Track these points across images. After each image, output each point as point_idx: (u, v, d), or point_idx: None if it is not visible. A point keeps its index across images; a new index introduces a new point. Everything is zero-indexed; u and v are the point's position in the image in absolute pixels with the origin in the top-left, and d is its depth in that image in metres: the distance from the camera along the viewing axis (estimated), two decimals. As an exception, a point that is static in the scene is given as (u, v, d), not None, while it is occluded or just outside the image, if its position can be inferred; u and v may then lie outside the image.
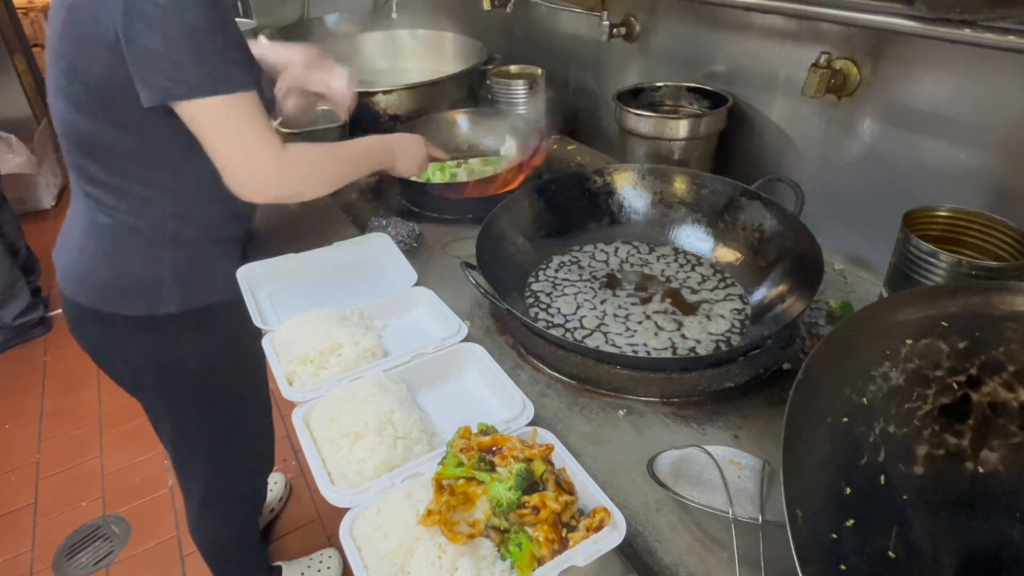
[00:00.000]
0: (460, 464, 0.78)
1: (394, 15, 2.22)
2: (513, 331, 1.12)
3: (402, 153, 1.25)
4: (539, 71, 1.84)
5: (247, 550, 1.65)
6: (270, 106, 1.11)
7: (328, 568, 1.86)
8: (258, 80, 1.02)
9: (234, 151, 0.95)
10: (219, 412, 1.34)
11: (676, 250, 1.34)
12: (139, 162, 1.04)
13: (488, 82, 1.84)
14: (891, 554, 0.66)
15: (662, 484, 0.79)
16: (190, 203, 1.12)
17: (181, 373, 1.24)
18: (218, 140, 0.94)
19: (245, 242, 1.30)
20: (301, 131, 1.66)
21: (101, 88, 0.95)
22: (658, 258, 1.32)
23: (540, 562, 0.72)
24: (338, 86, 1.33)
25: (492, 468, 0.78)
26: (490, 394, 1.00)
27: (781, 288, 1.14)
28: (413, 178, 1.44)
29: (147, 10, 0.85)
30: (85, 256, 1.12)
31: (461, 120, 1.80)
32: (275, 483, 2.12)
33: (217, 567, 1.62)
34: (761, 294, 1.18)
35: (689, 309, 1.17)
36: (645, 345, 1.09)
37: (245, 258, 1.26)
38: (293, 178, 1.01)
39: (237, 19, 2.46)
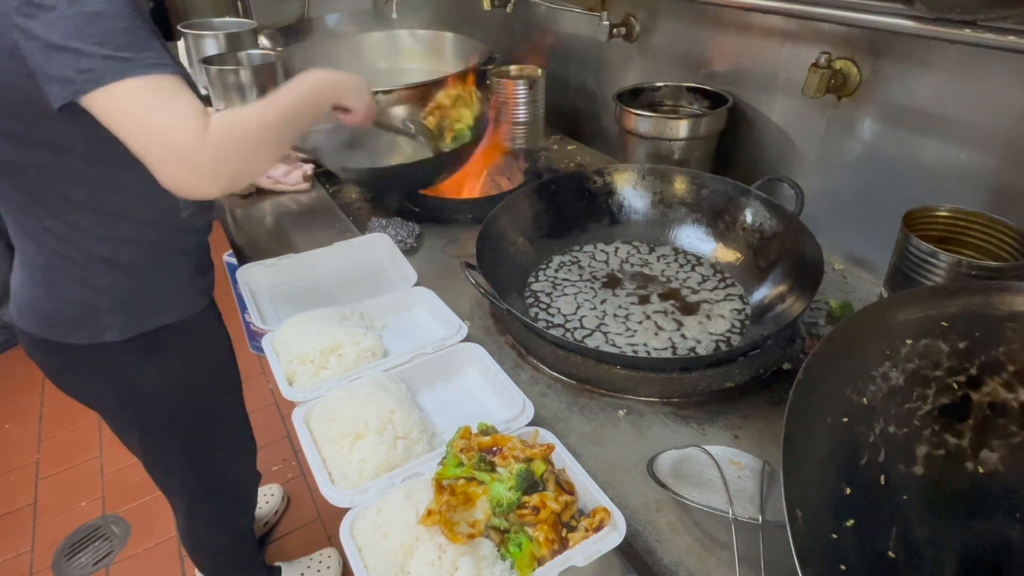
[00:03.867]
0: (460, 464, 0.78)
1: (394, 15, 2.22)
2: (513, 331, 1.12)
3: (341, 87, 1.07)
4: (539, 71, 1.84)
5: (242, 557, 1.63)
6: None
7: (328, 568, 1.86)
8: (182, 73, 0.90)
9: (151, 137, 0.80)
10: (191, 434, 1.26)
11: (676, 250, 1.34)
12: (53, 181, 0.92)
13: (488, 82, 1.84)
14: (891, 554, 0.66)
15: (662, 484, 0.79)
16: (116, 222, 0.99)
17: (141, 399, 1.16)
18: (132, 128, 0.80)
19: (201, 256, 1.18)
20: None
21: (2, 99, 0.84)
22: (658, 258, 1.32)
23: (540, 562, 0.72)
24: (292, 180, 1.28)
25: (492, 468, 0.78)
26: (490, 394, 1.00)
27: (781, 288, 1.14)
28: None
29: (44, 2, 0.76)
30: (24, 285, 1.04)
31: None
32: (272, 495, 2.10)
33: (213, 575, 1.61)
34: (761, 294, 1.18)
35: (689, 309, 1.17)
36: (645, 345, 1.09)
37: (203, 273, 1.17)
38: (228, 153, 0.83)
39: (237, 19, 2.47)
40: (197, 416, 1.25)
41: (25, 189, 0.94)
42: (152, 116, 0.80)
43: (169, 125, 0.79)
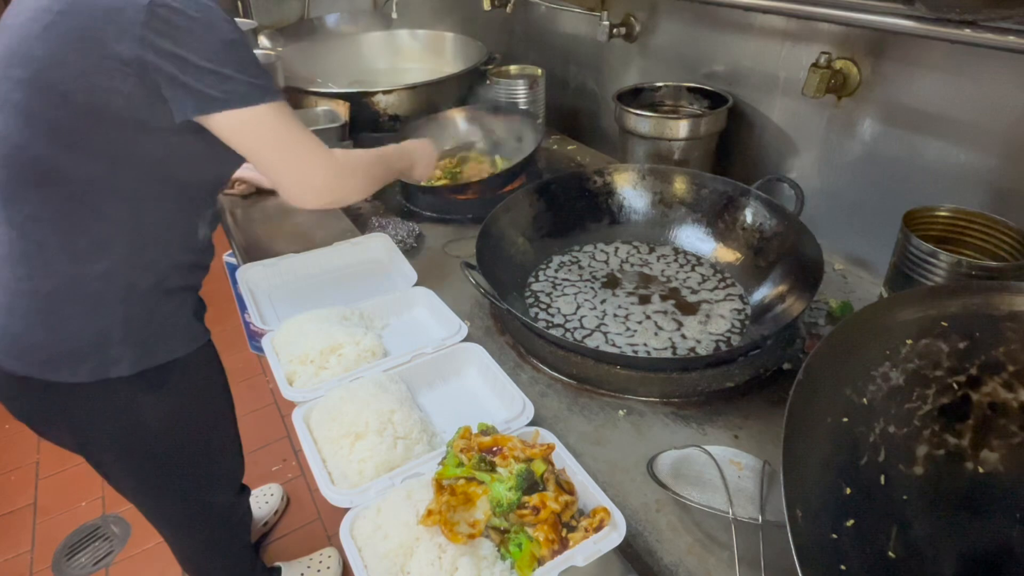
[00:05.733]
0: (460, 464, 0.78)
1: (394, 15, 2.22)
2: (513, 331, 1.12)
3: (419, 157, 1.28)
4: (539, 71, 1.84)
5: (242, 568, 1.61)
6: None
7: (328, 568, 1.86)
8: None
9: (294, 159, 0.94)
10: (186, 468, 1.22)
11: (676, 250, 1.34)
12: (99, 193, 0.90)
13: (488, 82, 1.84)
14: (891, 554, 0.66)
15: (662, 484, 0.79)
16: (150, 245, 0.97)
17: (139, 438, 1.10)
18: (276, 150, 0.93)
19: (198, 292, 1.15)
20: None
21: (85, 104, 0.83)
22: (658, 258, 1.32)
23: (540, 562, 0.72)
24: None
25: (492, 468, 0.78)
26: (490, 394, 1.00)
27: (781, 288, 1.14)
28: (423, 183, 1.44)
29: (179, 22, 0.81)
30: (15, 316, 0.94)
31: (459, 119, 1.79)
32: (271, 495, 2.08)
33: None
34: (761, 294, 1.18)
35: (689, 309, 1.17)
36: (645, 345, 1.09)
37: (203, 308, 1.15)
38: (346, 183, 1.01)
39: (237, 19, 2.47)
40: (193, 450, 1.20)
41: (62, 201, 0.90)
42: (299, 141, 0.94)
43: (313, 153, 0.95)
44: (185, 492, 1.26)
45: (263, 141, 0.92)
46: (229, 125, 0.88)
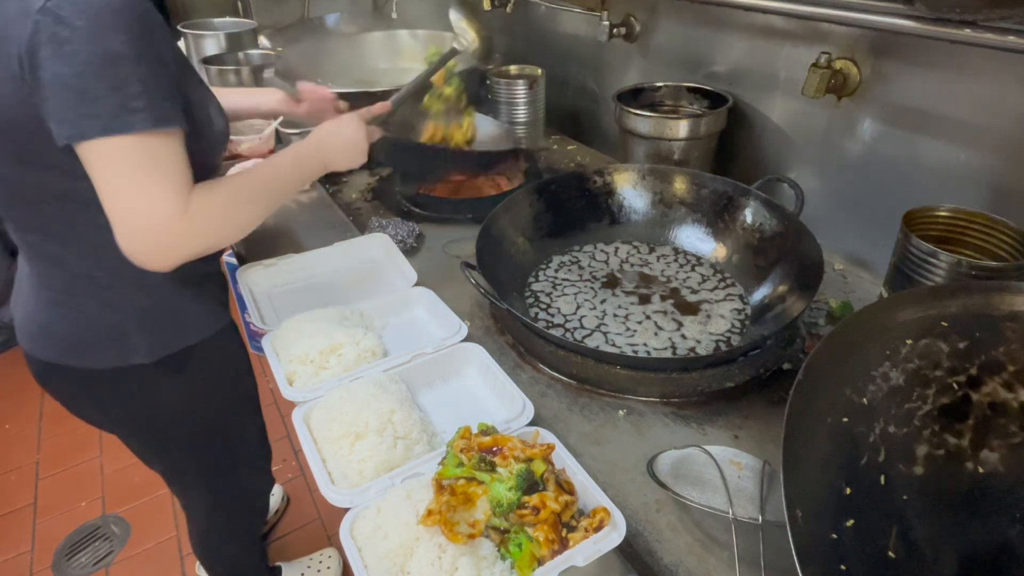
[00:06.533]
0: (460, 464, 0.78)
1: (394, 15, 2.22)
2: (513, 331, 1.12)
3: (333, 148, 1.07)
4: (539, 71, 1.84)
5: (250, 561, 1.64)
6: (220, 139, 0.99)
7: (328, 568, 1.86)
8: (200, 119, 0.90)
9: (125, 206, 0.78)
10: (212, 450, 1.24)
11: (676, 250, 1.34)
12: (78, 204, 0.87)
13: (488, 82, 1.84)
14: (891, 554, 0.66)
15: (662, 484, 0.79)
16: None
17: (165, 420, 1.13)
18: (110, 191, 0.78)
19: (218, 270, 1.15)
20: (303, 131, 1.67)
21: (10, 125, 0.80)
22: (658, 258, 1.32)
23: (540, 562, 0.72)
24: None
25: (492, 468, 0.78)
26: (490, 394, 1.00)
27: (781, 288, 1.14)
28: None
29: (60, 33, 0.72)
30: (40, 308, 0.98)
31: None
32: (272, 495, 2.08)
33: None
34: (761, 294, 1.18)
35: (689, 309, 1.17)
36: (645, 345, 1.09)
37: (223, 287, 1.15)
38: (198, 237, 0.84)
39: (237, 19, 2.47)
40: (218, 432, 1.23)
41: (48, 213, 0.89)
42: (133, 185, 0.78)
43: (146, 201, 0.78)
44: (211, 473, 1.29)
45: (103, 179, 0.78)
46: (86, 156, 0.77)
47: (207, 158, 0.96)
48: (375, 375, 0.97)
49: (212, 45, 2.11)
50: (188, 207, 0.81)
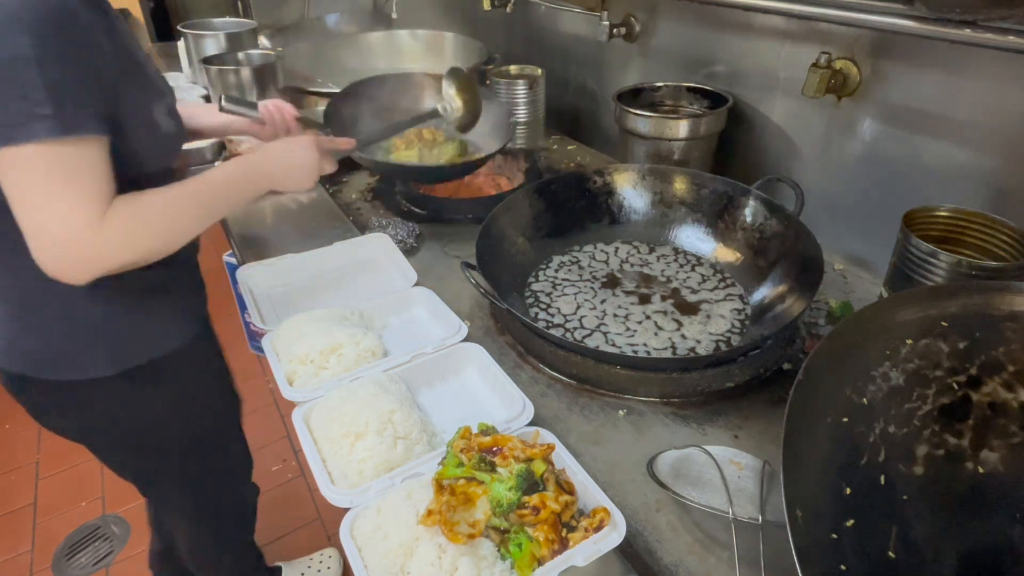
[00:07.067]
0: (460, 464, 0.78)
1: (394, 15, 2.22)
2: (513, 331, 1.12)
3: (280, 167, 1.02)
4: (539, 71, 1.84)
5: (247, 563, 1.61)
6: (168, 143, 0.95)
7: (328, 568, 1.86)
8: (140, 121, 0.86)
9: (38, 218, 0.75)
10: (189, 462, 1.20)
11: (676, 250, 1.34)
12: (5, 216, 0.82)
13: (488, 82, 1.84)
14: (891, 554, 0.66)
15: (662, 484, 0.79)
16: None
17: (137, 433, 1.09)
18: (21, 202, 0.75)
19: (192, 275, 1.11)
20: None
21: None
22: (658, 258, 1.32)
23: (540, 562, 0.72)
24: None
25: (492, 468, 0.78)
26: (490, 394, 1.00)
27: (781, 288, 1.14)
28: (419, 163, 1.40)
29: None
30: (3, 321, 0.96)
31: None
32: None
33: None
34: (761, 294, 1.18)
35: (689, 309, 1.17)
36: (645, 345, 1.09)
37: (196, 294, 1.11)
38: (116, 249, 0.80)
39: (237, 19, 2.47)
40: (195, 444, 1.19)
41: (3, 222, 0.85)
42: (42, 196, 0.74)
43: (56, 212, 0.75)
44: (190, 486, 1.26)
45: (12, 190, 0.75)
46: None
47: (153, 162, 0.92)
48: (375, 375, 0.97)
49: (212, 45, 2.11)
50: (105, 218, 0.78)
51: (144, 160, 0.90)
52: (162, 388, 1.07)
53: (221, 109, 1.20)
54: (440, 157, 1.56)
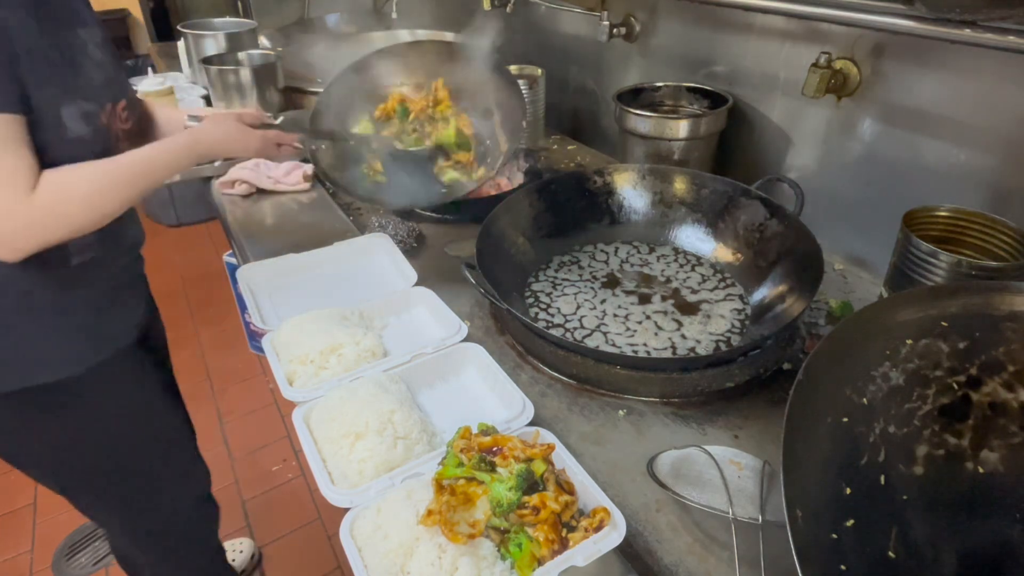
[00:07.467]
0: (460, 464, 0.78)
1: (394, 15, 2.22)
2: (513, 331, 1.12)
3: (210, 134, 1.04)
4: (539, 71, 1.84)
5: (214, 571, 1.56)
6: (76, 146, 0.89)
7: (240, 552, 1.88)
8: (46, 121, 0.84)
9: None
10: (118, 489, 1.16)
11: (676, 250, 1.34)
12: None
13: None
14: (891, 554, 0.66)
15: (662, 484, 0.79)
16: None
17: (46, 456, 1.07)
18: None
19: (110, 295, 1.05)
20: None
21: None
22: (658, 258, 1.32)
23: (540, 562, 0.72)
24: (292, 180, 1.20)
25: (492, 468, 0.78)
26: (490, 394, 1.00)
27: (781, 288, 1.14)
28: (398, 146, 1.38)
29: None
30: None
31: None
32: (239, 551, 1.95)
33: None
34: (761, 294, 1.18)
35: (689, 309, 1.17)
36: (645, 345, 1.09)
37: (111, 318, 1.05)
38: (48, 222, 0.79)
39: (237, 19, 2.47)
40: (121, 471, 1.15)
41: None
42: None
43: None
44: (127, 512, 1.22)
45: None
46: None
47: (60, 163, 0.89)
48: (375, 375, 0.97)
49: (212, 45, 2.11)
50: (33, 192, 0.78)
51: (52, 159, 0.86)
52: (67, 413, 1.03)
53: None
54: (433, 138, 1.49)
